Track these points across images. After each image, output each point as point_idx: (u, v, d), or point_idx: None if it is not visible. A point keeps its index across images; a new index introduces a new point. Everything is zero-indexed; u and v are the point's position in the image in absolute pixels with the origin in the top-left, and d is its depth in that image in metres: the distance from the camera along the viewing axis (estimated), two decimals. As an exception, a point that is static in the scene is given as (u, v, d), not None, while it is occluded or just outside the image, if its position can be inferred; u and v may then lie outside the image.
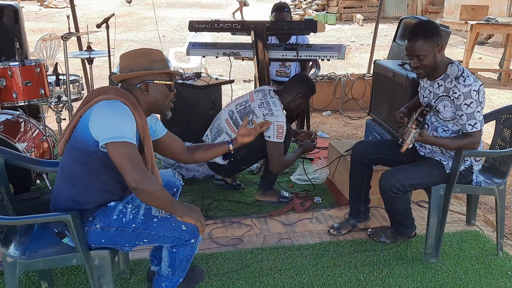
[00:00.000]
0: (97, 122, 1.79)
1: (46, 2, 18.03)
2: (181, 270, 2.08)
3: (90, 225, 1.90)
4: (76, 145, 1.87)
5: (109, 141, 1.75)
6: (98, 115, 1.81)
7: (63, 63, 3.72)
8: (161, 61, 1.98)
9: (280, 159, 3.00)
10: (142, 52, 1.98)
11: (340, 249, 2.74)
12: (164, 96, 2.00)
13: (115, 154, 1.75)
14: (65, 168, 1.92)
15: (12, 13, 4.50)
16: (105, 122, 1.78)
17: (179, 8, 17.93)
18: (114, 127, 1.77)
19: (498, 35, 11.02)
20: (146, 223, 1.92)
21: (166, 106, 2.04)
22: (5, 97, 3.40)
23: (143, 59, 1.94)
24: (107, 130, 1.76)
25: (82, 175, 1.88)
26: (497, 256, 2.69)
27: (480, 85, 2.39)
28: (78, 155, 1.86)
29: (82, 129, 1.84)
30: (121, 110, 1.83)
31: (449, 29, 4.23)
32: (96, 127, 1.79)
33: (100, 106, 1.83)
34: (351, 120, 5.57)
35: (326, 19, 15.10)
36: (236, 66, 8.00)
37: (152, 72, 1.93)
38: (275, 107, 2.96)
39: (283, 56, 3.86)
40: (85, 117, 1.84)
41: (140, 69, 1.92)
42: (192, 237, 1.95)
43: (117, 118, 1.79)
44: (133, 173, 1.74)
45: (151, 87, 1.95)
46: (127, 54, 1.99)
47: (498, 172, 2.72)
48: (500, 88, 7.42)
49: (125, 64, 1.96)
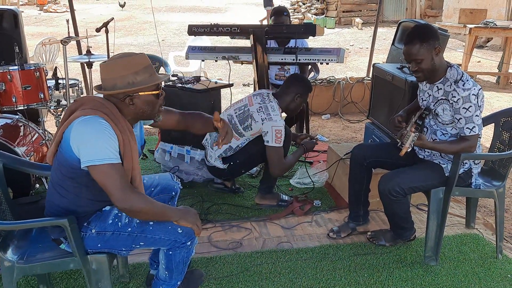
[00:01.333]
0: (76, 142, 1.76)
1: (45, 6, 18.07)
2: (179, 273, 2.08)
3: (86, 231, 1.90)
4: (62, 161, 1.83)
5: (89, 164, 1.73)
6: (77, 135, 1.76)
7: (63, 67, 3.73)
8: (145, 69, 1.85)
9: (280, 163, 3.00)
10: (124, 62, 1.83)
11: (339, 253, 2.73)
12: (152, 105, 1.91)
13: (97, 176, 1.74)
14: (56, 179, 1.90)
15: (11, 17, 4.50)
16: (84, 143, 1.74)
17: (179, 12, 17.96)
18: (93, 149, 1.73)
19: (496, 38, 11.04)
20: (142, 227, 1.91)
21: (155, 114, 1.96)
22: (4, 101, 3.40)
23: (125, 71, 1.82)
24: (86, 152, 1.73)
25: (72, 188, 1.86)
26: (497, 259, 2.69)
27: (479, 89, 2.40)
28: (65, 170, 1.83)
29: (66, 147, 1.80)
30: (99, 129, 1.75)
31: (448, 32, 4.25)
32: (77, 147, 1.76)
33: (79, 124, 1.77)
34: (350, 123, 5.57)
35: (325, 23, 15.13)
36: (235, 70, 8.00)
37: (136, 89, 1.83)
38: (273, 112, 2.96)
39: (282, 60, 3.86)
40: (67, 134, 1.80)
41: (122, 84, 1.82)
42: (188, 240, 1.96)
43: (96, 139, 1.74)
44: (117, 194, 1.73)
45: (136, 100, 1.86)
46: (108, 65, 1.84)
47: (497, 175, 2.72)
48: (498, 91, 7.44)
49: (106, 77, 1.84)
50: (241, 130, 3.03)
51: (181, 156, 3.65)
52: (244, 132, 3.03)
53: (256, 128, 2.98)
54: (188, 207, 2.04)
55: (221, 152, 3.11)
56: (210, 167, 3.23)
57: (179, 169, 3.55)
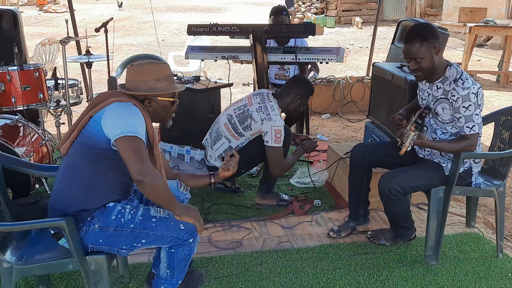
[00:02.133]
0: (110, 119, 1.85)
1: (45, 7, 18.07)
2: (180, 271, 2.08)
3: (89, 225, 1.91)
4: (86, 143, 1.90)
5: (120, 136, 1.80)
6: (112, 114, 1.87)
7: (62, 67, 3.72)
8: (166, 78, 2.04)
9: (280, 163, 3.00)
10: (149, 69, 2.02)
11: (339, 252, 2.73)
12: (166, 110, 2.08)
13: (124, 148, 1.79)
14: (72, 166, 1.94)
15: (11, 18, 4.51)
16: (118, 119, 1.85)
17: (178, 12, 17.97)
18: (126, 123, 1.83)
19: (496, 37, 11.03)
20: (145, 223, 1.93)
21: (167, 118, 2.13)
22: (4, 102, 3.39)
23: (148, 77, 1.99)
24: (119, 126, 1.82)
25: (90, 174, 1.90)
26: (497, 258, 2.69)
27: (479, 87, 2.39)
28: (87, 152, 1.89)
29: (94, 126, 1.88)
30: (134, 110, 1.91)
31: (448, 31, 4.24)
32: (109, 124, 1.84)
33: (114, 106, 1.90)
34: (350, 122, 5.57)
35: (325, 22, 15.13)
36: (235, 70, 8.00)
37: (156, 94, 2.00)
38: (273, 111, 2.96)
39: (281, 59, 3.86)
40: (97, 117, 1.89)
41: (144, 88, 1.99)
42: (190, 237, 1.98)
43: (130, 116, 1.87)
44: (139, 166, 1.77)
45: (154, 103, 2.02)
46: (135, 68, 2.03)
47: (497, 174, 2.72)
48: (499, 90, 7.43)
49: (131, 79, 2.02)
50: (240, 130, 3.03)
51: (181, 156, 3.64)
52: (243, 132, 3.02)
53: (255, 128, 2.98)
54: (190, 204, 2.08)
55: (221, 152, 3.11)
56: (210, 167, 3.22)
57: (179, 169, 3.54)
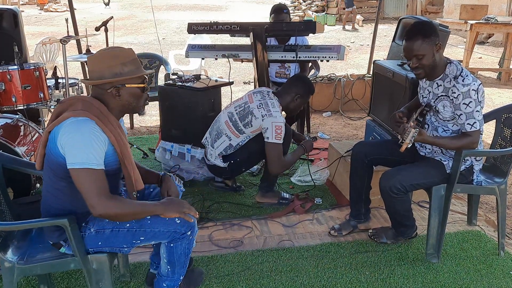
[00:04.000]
0: (63, 142, 1.76)
1: (46, 6, 18.07)
2: (181, 266, 2.07)
3: (85, 230, 1.90)
4: (52, 163, 1.83)
5: (71, 167, 1.74)
6: (65, 136, 1.76)
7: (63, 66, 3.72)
8: (132, 62, 1.90)
9: (279, 160, 2.99)
10: (111, 54, 1.88)
11: (341, 250, 2.73)
12: (137, 98, 1.93)
13: (76, 180, 1.75)
14: (49, 182, 1.89)
15: (11, 17, 4.50)
16: (69, 145, 1.75)
17: (179, 10, 17.96)
18: (76, 152, 1.74)
19: (498, 34, 11.02)
20: (140, 221, 1.91)
21: (140, 107, 1.98)
22: (4, 101, 3.40)
23: (112, 62, 1.85)
24: (70, 155, 1.74)
25: (68, 190, 1.84)
26: (499, 256, 2.68)
27: (479, 84, 2.38)
28: (58, 171, 1.82)
29: (53, 147, 1.80)
30: (88, 133, 1.76)
31: (449, 28, 4.23)
32: (63, 147, 1.76)
33: (68, 125, 1.77)
34: (351, 121, 5.56)
35: (326, 20, 15.11)
36: (236, 68, 8.00)
37: (123, 78, 1.86)
38: (273, 108, 2.95)
39: (282, 58, 3.85)
40: (54, 134, 1.80)
41: (109, 74, 1.85)
42: (187, 230, 1.96)
43: (82, 142, 1.74)
44: (92, 201, 1.74)
45: (123, 91, 1.88)
46: (96, 57, 1.89)
47: (498, 171, 2.71)
48: (500, 87, 7.41)
49: (94, 68, 1.88)
50: (241, 127, 3.02)
51: (181, 155, 3.64)
52: (244, 129, 3.02)
53: (256, 125, 2.97)
54: (172, 197, 2.02)
55: (222, 151, 3.11)
56: (210, 166, 3.22)
57: (180, 167, 3.54)
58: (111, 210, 1.76)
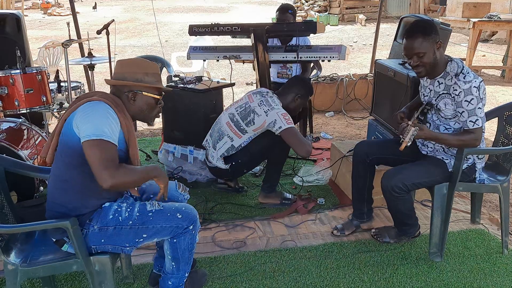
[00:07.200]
0: (79, 120, 1.83)
1: (49, 10, 18.15)
2: (185, 263, 2.09)
3: (88, 227, 1.93)
4: (65, 149, 1.88)
5: (85, 139, 1.77)
6: (80, 114, 1.85)
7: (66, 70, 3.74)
8: (154, 75, 2.03)
9: (302, 141, 2.92)
10: (138, 62, 2.04)
11: (343, 250, 2.72)
12: (150, 108, 2.04)
13: (87, 153, 1.77)
14: (59, 175, 1.93)
15: (14, 21, 4.53)
16: (85, 120, 1.82)
17: (181, 12, 17.97)
18: (92, 125, 1.79)
19: (501, 32, 10.95)
20: (143, 219, 1.95)
21: (151, 118, 2.09)
22: (7, 105, 3.43)
23: (136, 69, 2.00)
24: (86, 127, 1.79)
25: (78, 180, 1.89)
26: (502, 254, 2.67)
27: (481, 81, 2.38)
28: (70, 158, 1.87)
29: (68, 130, 1.86)
30: (102, 109, 1.86)
31: (450, 27, 4.22)
32: (78, 126, 1.82)
33: (83, 106, 1.88)
34: (354, 120, 5.55)
35: (328, 20, 15.08)
36: (238, 69, 8.00)
37: (142, 84, 1.99)
38: (274, 103, 3.00)
39: (283, 58, 3.85)
40: (70, 119, 1.88)
41: (131, 78, 1.98)
42: (190, 224, 2.00)
43: (97, 116, 1.82)
44: (103, 172, 1.74)
45: (138, 97, 2.00)
46: (124, 62, 2.05)
47: (501, 169, 2.70)
48: (504, 85, 7.38)
49: (119, 71, 2.02)
50: (243, 127, 3.03)
51: (184, 157, 3.65)
52: (246, 128, 3.02)
53: (259, 122, 2.98)
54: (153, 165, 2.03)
55: (224, 152, 3.11)
56: (212, 168, 3.23)
57: (183, 169, 3.55)
58: (120, 179, 1.78)
